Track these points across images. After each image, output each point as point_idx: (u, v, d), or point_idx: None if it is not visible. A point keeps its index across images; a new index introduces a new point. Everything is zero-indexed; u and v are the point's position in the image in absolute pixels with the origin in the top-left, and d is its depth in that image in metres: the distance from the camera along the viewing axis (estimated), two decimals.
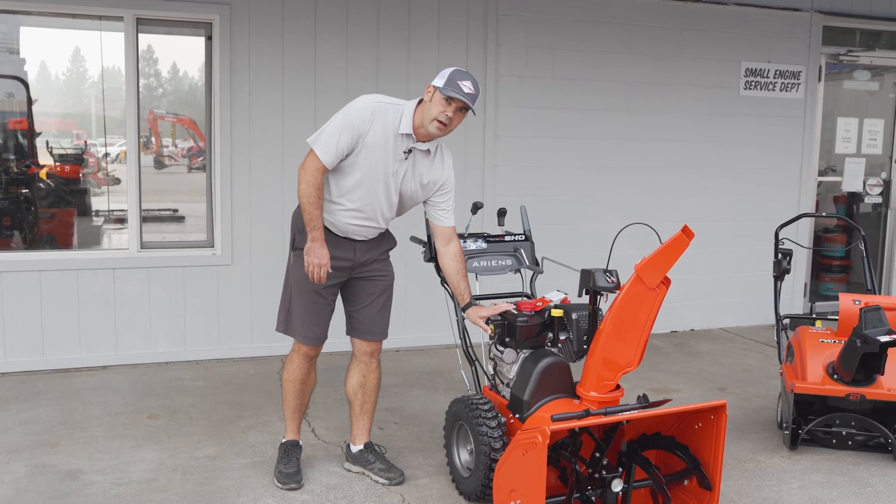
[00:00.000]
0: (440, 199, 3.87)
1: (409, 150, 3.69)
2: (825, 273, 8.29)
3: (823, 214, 7.25)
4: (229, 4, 5.79)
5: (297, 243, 3.86)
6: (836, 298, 4.79)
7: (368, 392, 4.07)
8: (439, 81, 3.57)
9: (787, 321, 5.19)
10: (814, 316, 5.11)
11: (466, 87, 3.54)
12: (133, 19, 5.67)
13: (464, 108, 3.60)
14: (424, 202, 3.90)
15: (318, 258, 3.65)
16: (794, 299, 7.66)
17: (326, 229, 3.79)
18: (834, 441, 4.46)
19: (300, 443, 4.11)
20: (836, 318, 4.68)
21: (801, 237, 7.36)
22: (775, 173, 7.52)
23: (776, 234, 5.14)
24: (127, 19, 5.66)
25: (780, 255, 5.03)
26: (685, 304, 7.16)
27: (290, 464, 3.98)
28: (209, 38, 5.91)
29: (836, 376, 4.34)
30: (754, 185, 7.46)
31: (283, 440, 4.11)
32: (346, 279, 3.89)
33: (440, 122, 3.57)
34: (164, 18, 5.82)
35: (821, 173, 7.85)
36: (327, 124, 3.65)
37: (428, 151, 3.74)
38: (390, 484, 3.97)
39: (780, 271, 5.02)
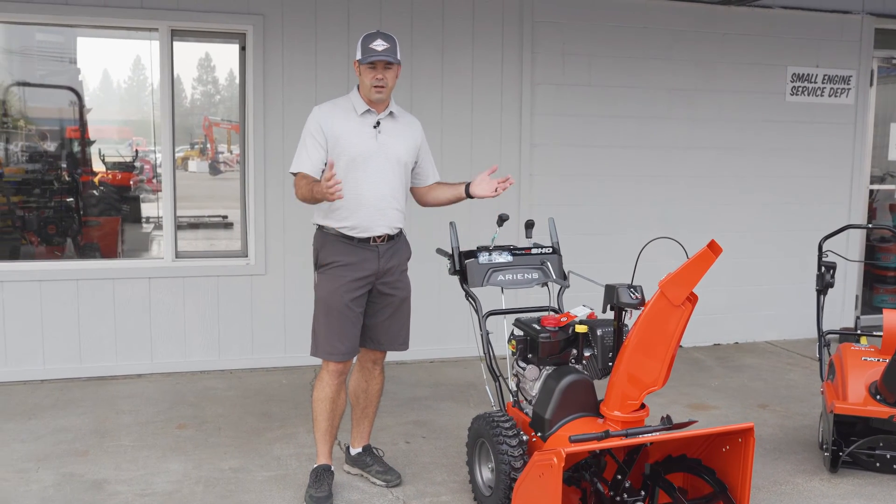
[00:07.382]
0: (423, 156, 4.07)
1: (377, 123, 3.85)
2: (879, 284, 7.98)
3: (869, 226, 6.97)
4: (262, 15, 5.81)
5: (321, 261, 3.89)
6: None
7: (371, 397, 4.12)
8: (357, 55, 3.79)
9: (831, 336, 4.98)
10: (859, 332, 4.89)
11: (378, 45, 3.72)
12: (168, 30, 5.72)
13: (389, 64, 3.76)
14: (414, 175, 4.06)
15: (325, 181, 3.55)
16: (845, 311, 7.40)
17: (349, 237, 3.81)
18: (878, 465, 4.25)
19: (332, 468, 3.99)
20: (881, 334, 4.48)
21: (851, 247, 7.10)
22: (824, 181, 7.27)
23: (819, 247, 4.93)
24: (162, 30, 5.71)
25: (823, 268, 4.84)
26: (729, 315, 6.97)
27: (322, 488, 3.84)
28: (243, 49, 5.93)
29: (879, 397, 4.15)
30: (802, 193, 7.22)
31: (315, 465, 3.98)
32: (371, 288, 3.89)
33: (376, 86, 3.76)
34: (197, 30, 5.86)
35: (877, 180, 7.56)
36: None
37: (392, 113, 3.91)
38: (388, 486, 4.03)
39: (823, 285, 4.83)
